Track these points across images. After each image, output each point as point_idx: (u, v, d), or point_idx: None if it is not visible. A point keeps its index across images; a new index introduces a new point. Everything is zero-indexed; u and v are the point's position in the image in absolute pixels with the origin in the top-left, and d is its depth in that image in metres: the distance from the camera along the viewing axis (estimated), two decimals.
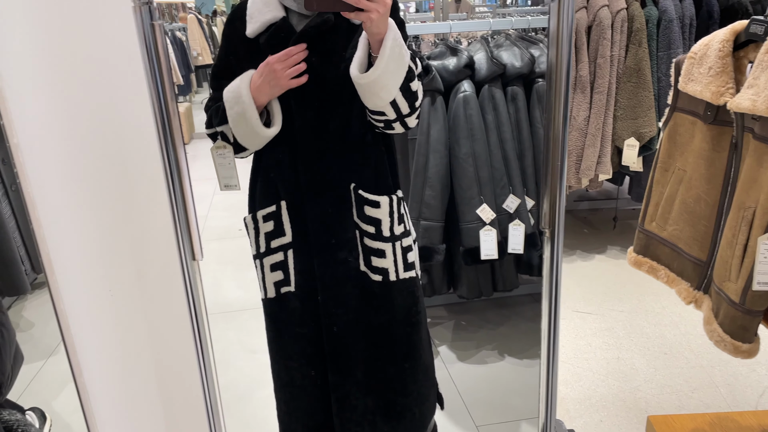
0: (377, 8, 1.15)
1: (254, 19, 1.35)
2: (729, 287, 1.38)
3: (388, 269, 1.48)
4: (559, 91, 0.73)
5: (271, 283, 1.50)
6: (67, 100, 0.68)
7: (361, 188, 1.44)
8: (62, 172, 0.66)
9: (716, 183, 1.46)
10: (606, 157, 2.84)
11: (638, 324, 2.57)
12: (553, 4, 0.70)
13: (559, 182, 0.77)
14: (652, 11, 2.75)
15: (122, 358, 0.88)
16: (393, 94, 1.28)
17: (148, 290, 0.82)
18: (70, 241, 0.69)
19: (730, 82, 1.38)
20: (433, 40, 2.78)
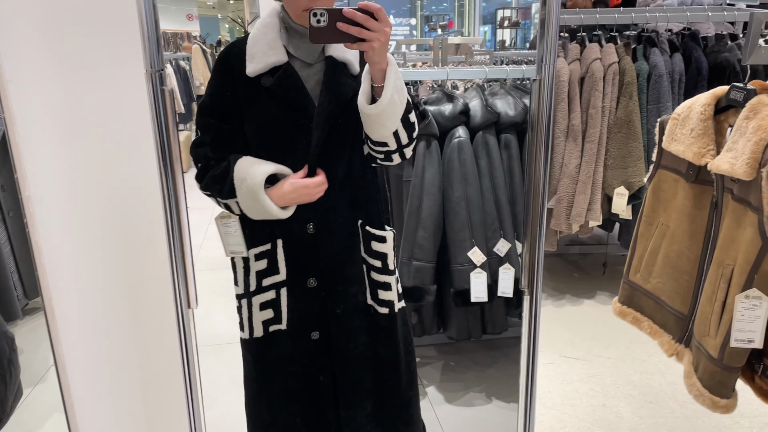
0: (378, 37, 1.21)
1: (256, 59, 1.37)
2: (708, 342, 1.41)
3: (393, 301, 1.54)
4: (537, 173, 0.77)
5: (259, 321, 1.50)
6: (76, 153, 0.73)
7: (368, 224, 1.50)
8: (67, 225, 0.70)
9: (698, 239, 1.51)
10: (596, 204, 2.90)
11: (625, 371, 2.59)
12: (534, 84, 0.76)
13: (538, 245, 0.82)
14: (643, 66, 2.85)
15: (113, 394, 0.90)
16: (396, 125, 1.35)
17: (141, 331, 0.85)
18: (70, 286, 0.72)
19: (711, 144, 1.44)
20: (431, 85, 2.86)
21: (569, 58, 2.88)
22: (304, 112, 1.38)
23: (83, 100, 0.68)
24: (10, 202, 2.71)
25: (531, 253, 0.82)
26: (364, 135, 1.42)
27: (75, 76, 0.68)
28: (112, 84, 0.71)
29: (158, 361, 0.87)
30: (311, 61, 1.42)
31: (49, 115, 0.64)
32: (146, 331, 0.82)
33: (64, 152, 0.65)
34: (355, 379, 1.53)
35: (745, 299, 1.31)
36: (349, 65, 1.42)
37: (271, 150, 1.41)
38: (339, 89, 1.39)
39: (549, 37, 0.72)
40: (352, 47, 1.24)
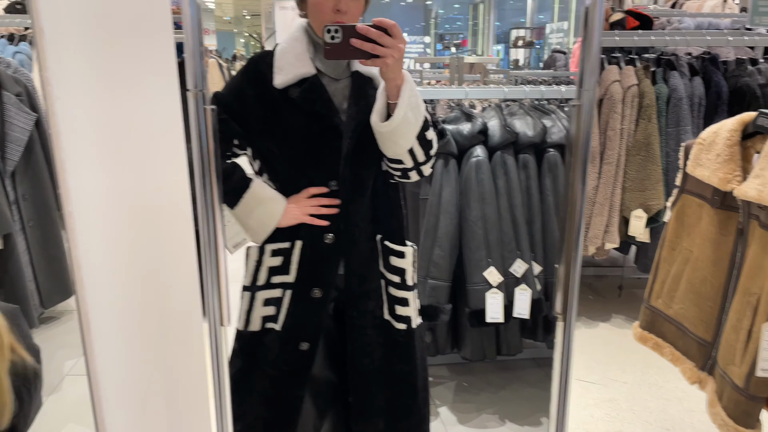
0: (392, 53, 1.21)
1: (284, 71, 1.39)
2: (733, 371, 1.39)
3: (410, 317, 1.53)
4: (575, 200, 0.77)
5: (259, 316, 1.49)
6: (114, 169, 0.73)
7: (387, 239, 1.50)
8: (104, 241, 0.71)
9: (722, 266, 1.50)
10: (613, 226, 2.88)
11: (641, 397, 2.56)
12: (573, 110, 0.76)
13: (573, 269, 0.81)
14: (662, 89, 2.85)
15: (140, 409, 0.90)
16: (411, 142, 1.34)
17: (169, 348, 0.85)
18: (105, 300, 0.73)
19: (737, 170, 1.43)
20: (448, 104, 2.87)
21: None
22: (330, 124, 1.40)
23: (121, 119, 0.70)
24: (31, 212, 2.74)
25: (566, 278, 0.82)
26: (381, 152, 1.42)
27: (114, 95, 0.69)
28: (149, 102, 0.72)
29: (185, 377, 0.87)
30: (337, 76, 1.44)
31: (90, 133, 0.65)
32: (174, 347, 0.82)
33: (102, 169, 0.66)
34: (368, 395, 1.52)
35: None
36: (375, 80, 1.44)
37: (296, 161, 1.43)
38: (366, 101, 1.40)
39: (589, 63, 0.72)
40: (366, 63, 1.25)
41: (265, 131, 1.43)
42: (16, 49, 3.83)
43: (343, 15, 1.33)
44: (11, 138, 2.61)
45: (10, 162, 2.62)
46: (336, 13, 1.33)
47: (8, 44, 3.85)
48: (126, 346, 0.80)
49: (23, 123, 2.66)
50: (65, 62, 0.62)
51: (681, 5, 8.04)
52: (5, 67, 2.81)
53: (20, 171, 2.69)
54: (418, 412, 1.58)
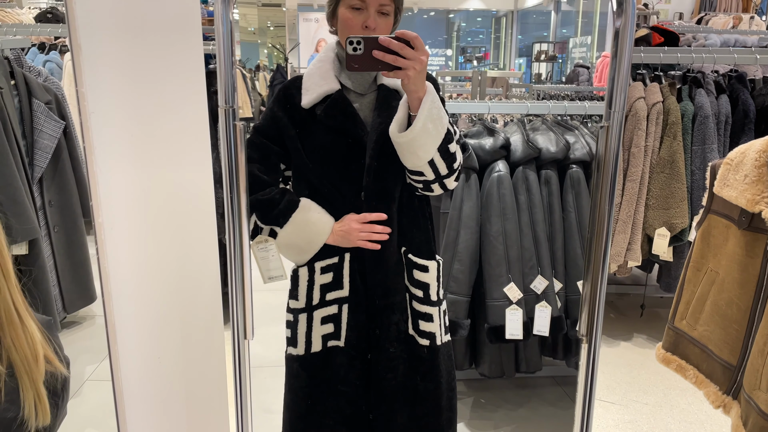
0: (414, 65, 1.21)
1: (310, 91, 1.42)
2: (759, 396, 1.36)
3: (435, 333, 1.51)
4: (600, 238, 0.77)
5: (319, 336, 1.49)
6: (142, 183, 0.75)
7: (411, 252, 1.50)
8: (132, 253, 0.72)
9: (749, 288, 1.47)
10: (636, 244, 2.85)
11: (663, 419, 2.51)
12: (602, 131, 0.75)
13: (600, 292, 0.80)
14: (688, 106, 2.81)
15: (161, 419, 0.91)
16: (431, 154, 1.33)
17: (192, 359, 0.85)
18: (132, 311, 0.74)
19: (765, 191, 1.40)
20: (470, 117, 2.87)
21: None
22: (356, 137, 1.41)
23: (152, 133, 0.71)
24: (57, 218, 2.79)
25: (591, 299, 0.81)
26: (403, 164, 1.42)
27: (145, 110, 0.71)
28: (177, 119, 0.74)
29: (205, 387, 0.88)
30: (363, 91, 1.45)
31: (122, 147, 0.67)
32: (197, 358, 0.83)
33: (132, 182, 0.68)
34: (390, 412, 1.50)
35: None
36: (401, 92, 1.44)
37: (327, 176, 1.44)
38: (389, 113, 1.40)
39: (619, 84, 0.72)
40: (388, 75, 1.25)
41: (298, 150, 1.45)
42: (47, 57, 3.92)
43: (371, 32, 1.34)
44: (39, 145, 2.67)
45: (37, 168, 2.67)
46: (365, 30, 1.35)
47: (39, 53, 3.95)
48: (149, 354, 0.81)
49: (52, 130, 2.71)
50: (101, 78, 0.63)
51: (707, 22, 7.97)
52: (36, 75, 2.87)
53: (47, 177, 2.75)
54: (443, 430, 1.55)
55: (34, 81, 2.74)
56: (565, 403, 2.64)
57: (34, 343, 0.95)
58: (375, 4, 1.35)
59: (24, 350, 0.92)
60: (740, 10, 8.33)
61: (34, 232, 2.57)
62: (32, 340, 0.94)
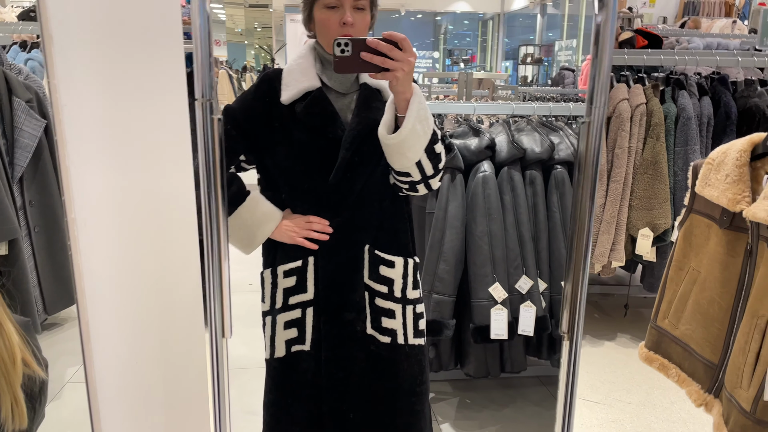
0: (402, 67, 1.21)
1: (290, 87, 1.41)
2: (740, 394, 1.37)
3: (396, 331, 1.49)
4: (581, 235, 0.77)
5: (282, 341, 1.49)
6: (117, 177, 0.73)
7: (377, 248, 1.48)
8: (107, 249, 0.70)
9: (730, 287, 1.48)
10: (620, 244, 2.86)
11: (646, 418, 2.52)
12: (583, 127, 0.75)
13: (581, 289, 0.80)
14: (671, 108, 2.84)
15: (139, 419, 0.89)
16: (419, 155, 1.33)
17: (169, 358, 0.84)
18: (107, 309, 0.72)
19: (746, 191, 1.42)
20: (455, 118, 2.88)
21: None
22: (332, 135, 1.40)
23: (128, 127, 0.70)
24: (37, 218, 2.75)
25: (573, 296, 0.81)
26: (389, 165, 1.41)
27: (121, 104, 0.69)
28: (156, 111, 0.72)
29: (185, 388, 0.87)
30: (345, 90, 1.45)
31: (97, 141, 0.65)
32: (174, 358, 0.81)
33: (107, 177, 0.66)
34: (343, 412, 1.48)
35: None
36: (383, 92, 1.44)
37: (297, 173, 1.44)
38: (369, 113, 1.40)
39: (600, 80, 0.72)
40: (376, 77, 1.24)
41: (271, 146, 1.44)
42: (28, 56, 3.87)
43: (350, 27, 1.34)
44: (20, 144, 2.63)
45: (18, 168, 2.63)
46: (342, 26, 1.34)
47: (21, 51, 3.90)
48: (126, 355, 0.80)
49: (32, 129, 2.67)
50: (74, 70, 0.62)
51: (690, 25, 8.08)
52: (17, 73, 2.83)
53: (28, 177, 2.71)
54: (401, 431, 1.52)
55: (15, 79, 2.70)
56: (550, 402, 2.64)
57: (12, 345, 0.93)
58: (349, 1, 1.35)
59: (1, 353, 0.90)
60: (723, 14, 8.45)
61: (14, 232, 2.54)
62: (10, 343, 0.92)
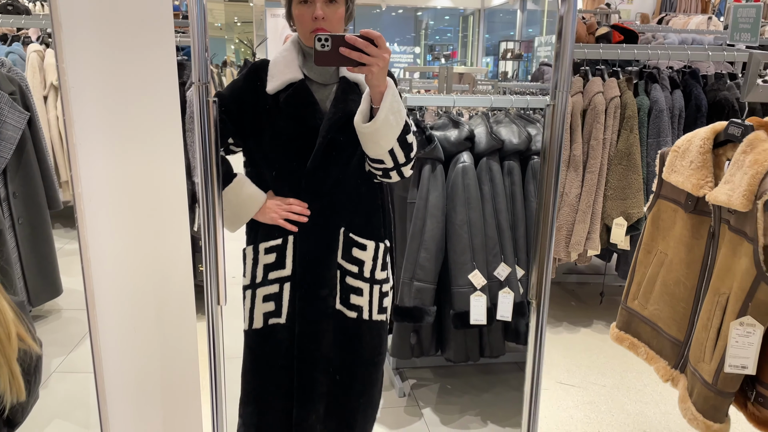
0: (377, 62, 1.31)
1: (275, 78, 1.51)
2: (703, 368, 1.46)
3: (362, 307, 1.61)
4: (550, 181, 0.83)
5: (260, 313, 1.59)
6: (119, 154, 0.78)
7: (351, 231, 1.58)
8: (109, 222, 0.75)
9: (695, 268, 1.56)
10: (595, 233, 2.95)
11: (620, 400, 2.62)
12: (548, 109, 0.81)
13: (547, 256, 0.87)
14: (644, 101, 2.93)
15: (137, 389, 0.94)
16: (392, 144, 1.43)
17: (165, 329, 0.89)
18: (109, 281, 0.77)
19: (709, 176, 1.50)
20: (436, 111, 2.94)
21: (572, 91, 2.95)
22: (311, 124, 1.50)
23: (126, 108, 0.75)
24: (21, 210, 2.76)
25: (540, 262, 0.88)
26: (364, 153, 1.50)
27: (120, 87, 0.74)
28: (150, 94, 0.78)
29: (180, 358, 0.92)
30: (325, 81, 1.54)
31: (99, 121, 0.70)
32: (171, 329, 0.86)
33: (109, 154, 0.71)
34: (311, 380, 1.60)
35: (739, 326, 1.35)
36: (360, 85, 1.53)
37: (277, 157, 1.55)
38: (346, 104, 1.50)
39: (563, 65, 0.78)
40: (353, 71, 1.34)
41: (256, 131, 1.54)
42: (9, 49, 3.86)
43: (322, 21, 1.44)
44: (4, 136, 2.64)
45: (1, 159, 2.64)
46: (315, 20, 1.44)
47: (1, 44, 3.88)
48: (125, 330, 0.85)
49: (16, 121, 2.68)
50: (80, 55, 0.67)
51: (667, 22, 8.24)
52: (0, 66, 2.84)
53: (11, 169, 2.71)
54: (354, 400, 1.65)
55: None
56: None
57: (7, 321, 0.96)
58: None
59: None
60: (699, 11, 8.61)
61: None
62: (4, 318, 0.96)
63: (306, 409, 1.60)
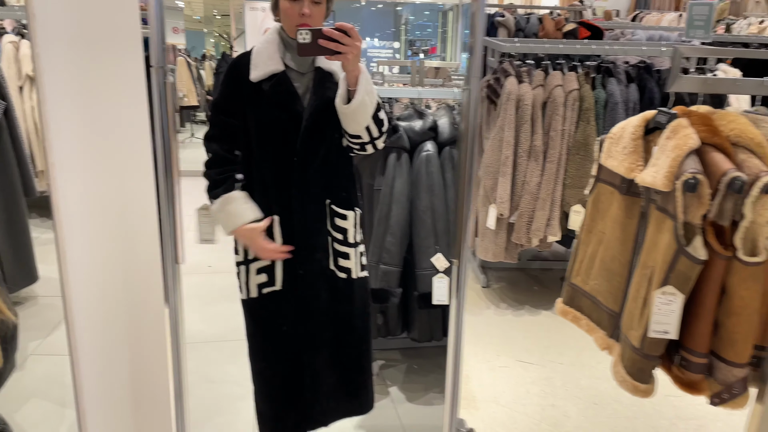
0: (351, 50, 1.53)
1: (258, 68, 1.69)
2: (632, 334, 1.60)
3: (351, 269, 1.84)
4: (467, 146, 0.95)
5: (255, 284, 1.79)
6: (87, 134, 0.89)
7: (334, 204, 1.80)
8: (78, 192, 0.86)
9: (628, 245, 1.70)
10: (555, 220, 3.10)
11: (575, 376, 2.77)
12: (464, 93, 0.93)
13: (466, 214, 1.00)
14: (600, 94, 3.08)
15: (106, 351, 1.04)
16: (367, 121, 1.65)
17: (131, 295, 1.00)
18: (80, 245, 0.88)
19: (640, 161, 1.64)
20: (406, 103, 3.06)
21: (533, 84, 3.09)
22: (294, 110, 1.70)
23: (96, 91, 0.84)
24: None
25: (459, 225, 1.00)
26: (342, 129, 1.71)
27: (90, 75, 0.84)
28: (117, 77, 0.88)
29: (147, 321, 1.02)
30: (303, 71, 1.74)
31: (69, 99, 0.80)
32: (135, 294, 0.97)
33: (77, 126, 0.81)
34: (317, 329, 1.83)
35: (661, 295, 1.49)
36: (333, 75, 1.73)
37: (268, 142, 1.73)
38: (324, 92, 1.71)
39: (475, 55, 0.90)
40: (331, 59, 1.57)
41: (243, 118, 1.72)
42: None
43: (307, 18, 1.62)
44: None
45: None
46: (302, 17, 1.62)
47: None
48: (97, 293, 0.95)
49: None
50: (52, 44, 0.77)
51: (641, 19, 8.43)
52: None
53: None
54: (356, 346, 1.90)
55: None
56: None
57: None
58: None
59: None
60: (673, 8, 8.82)
61: None
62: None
63: (313, 354, 1.83)
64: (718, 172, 1.44)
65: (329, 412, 1.92)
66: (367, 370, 1.96)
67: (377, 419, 2.44)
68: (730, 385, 1.53)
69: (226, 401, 2.56)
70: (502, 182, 3.06)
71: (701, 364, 1.55)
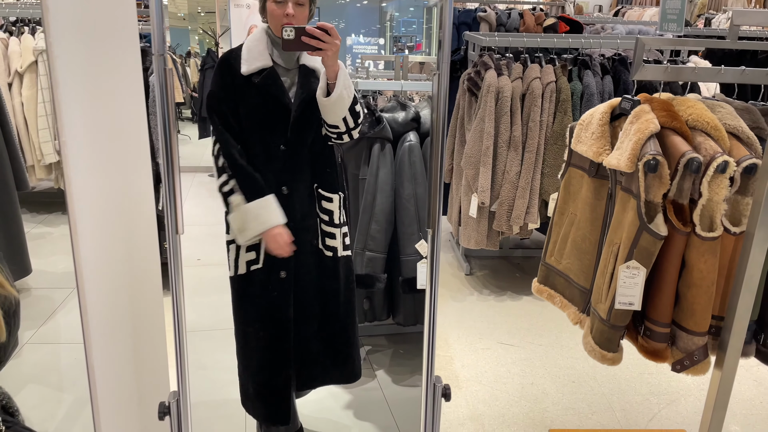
0: (330, 47, 1.68)
1: (248, 62, 1.84)
2: (600, 307, 1.71)
3: (336, 248, 2.00)
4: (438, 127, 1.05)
5: (244, 262, 1.93)
6: (94, 119, 0.97)
7: (321, 188, 1.95)
8: (88, 172, 0.94)
9: (597, 225, 1.81)
10: (534, 208, 3.21)
11: (553, 356, 2.89)
12: (435, 78, 1.02)
13: (439, 186, 1.11)
14: (577, 86, 3.19)
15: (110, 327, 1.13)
16: (344, 113, 1.80)
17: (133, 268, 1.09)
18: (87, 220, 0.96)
19: (607, 145, 1.75)
20: (390, 96, 3.15)
21: (512, 76, 3.20)
22: (282, 104, 1.85)
23: (101, 78, 0.93)
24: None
25: (433, 193, 1.11)
26: (322, 120, 1.85)
27: (96, 62, 0.93)
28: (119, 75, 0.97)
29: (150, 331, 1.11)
30: (289, 67, 1.90)
31: (78, 83, 0.89)
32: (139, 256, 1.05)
33: (85, 111, 0.90)
34: (306, 304, 1.98)
35: (626, 269, 1.61)
36: (316, 71, 1.88)
37: (257, 130, 1.87)
38: (309, 86, 1.86)
39: (444, 42, 1.00)
40: (313, 54, 1.74)
41: (235, 108, 1.86)
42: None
43: (292, 18, 1.78)
44: None
45: None
46: (286, 18, 1.78)
47: None
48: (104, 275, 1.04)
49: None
50: (64, 34, 0.86)
51: (623, 14, 8.58)
52: None
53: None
54: (342, 319, 2.06)
55: None
56: None
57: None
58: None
59: None
60: (654, 3, 8.99)
61: None
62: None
63: (302, 325, 1.97)
64: (677, 153, 1.55)
65: (317, 377, 2.08)
66: (353, 343, 2.09)
67: (364, 402, 2.54)
68: (691, 352, 1.65)
69: (219, 385, 2.65)
70: (483, 172, 3.17)
71: (664, 333, 1.67)
